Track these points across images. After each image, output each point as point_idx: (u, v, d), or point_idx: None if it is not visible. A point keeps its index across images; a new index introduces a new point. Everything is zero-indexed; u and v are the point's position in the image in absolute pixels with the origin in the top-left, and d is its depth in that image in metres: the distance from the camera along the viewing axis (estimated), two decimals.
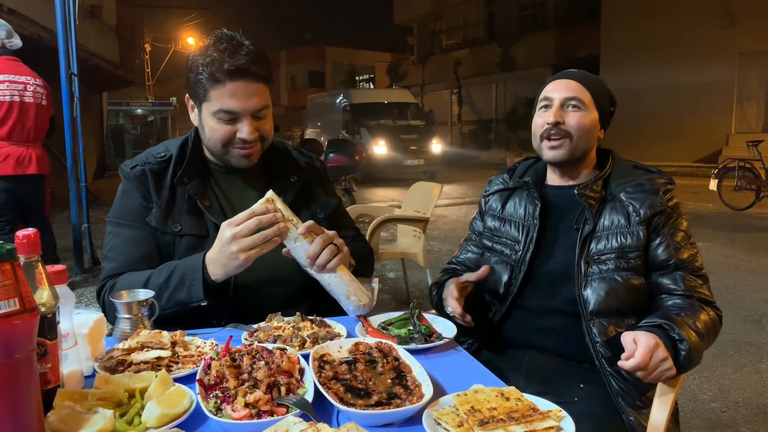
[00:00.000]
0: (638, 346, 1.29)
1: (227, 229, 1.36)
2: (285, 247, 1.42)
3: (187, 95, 1.60)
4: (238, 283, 1.53)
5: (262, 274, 1.56)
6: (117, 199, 1.63)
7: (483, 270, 1.58)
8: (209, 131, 1.55)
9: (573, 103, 1.57)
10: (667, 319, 1.39)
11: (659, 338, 1.33)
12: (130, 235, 1.57)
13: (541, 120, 1.61)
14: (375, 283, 1.47)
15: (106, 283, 1.54)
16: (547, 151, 1.60)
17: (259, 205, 1.36)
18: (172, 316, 1.44)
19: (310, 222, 1.41)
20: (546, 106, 1.61)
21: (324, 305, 1.56)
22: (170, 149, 1.65)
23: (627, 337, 1.32)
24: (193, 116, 1.61)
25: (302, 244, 1.38)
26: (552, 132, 1.57)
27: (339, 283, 1.41)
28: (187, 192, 1.58)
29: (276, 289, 1.60)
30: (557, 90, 1.60)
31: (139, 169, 1.59)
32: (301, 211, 1.58)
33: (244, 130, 1.51)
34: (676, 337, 1.36)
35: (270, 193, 1.39)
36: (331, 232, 1.44)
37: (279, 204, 1.37)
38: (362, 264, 1.65)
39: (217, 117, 1.51)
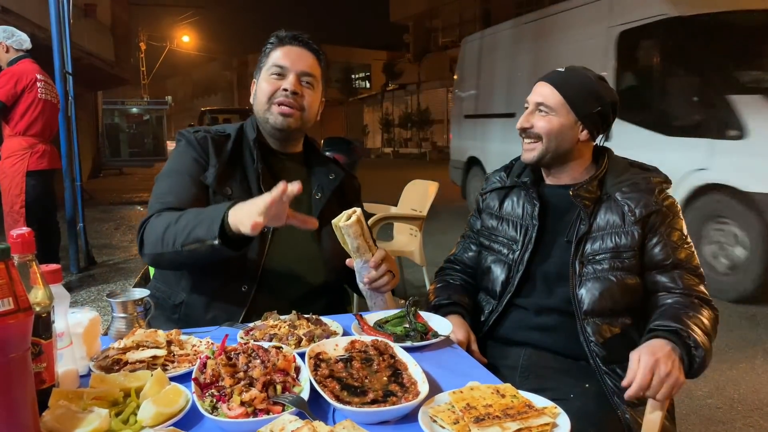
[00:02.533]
0: (637, 368, 1.29)
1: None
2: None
3: (253, 80, 1.76)
4: (267, 268, 1.58)
5: (297, 259, 1.64)
6: (171, 157, 1.71)
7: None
8: (260, 91, 1.68)
9: (540, 108, 1.60)
10: (680, 323, 1.38)
11: (670, 345, 1.33)
12: (180, 180, 1.62)
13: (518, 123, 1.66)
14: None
15: (154, 215, 1.55)
16: (523, 153, 1.67)
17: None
18: (204, 268, 1.53)
19: (383, 254, 1.51)
20: (525, 110, 1.65)
21: (340, 303, 1.75)
22: (227, 129, 1.75)
23: (633, 357, 1.32)
24: (252, 95, 1.74)
25: (365, 266, 1.50)
26: (523, 135, 1.65)
27: (381, 304, 1.57)
28: (255, 159, 1.65)
29: (306, 276, 1.66)
30: (533, 94, 1.63)
31: (202, 134, 1.68)
32: (335, 212, 1.67)
33: (286, 83, 1.64)
34: (692, 344, 1.35)
35: (359, 211, 1.47)
36: (392, 259, 1.55)
37: (365, 224, 1.48)
38: None
39: (269, 74, 1.66)
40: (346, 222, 1.44)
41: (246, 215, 1.33)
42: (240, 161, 1.67)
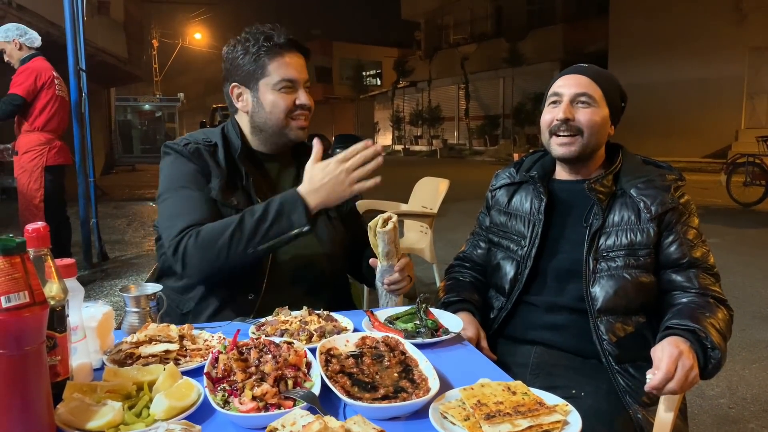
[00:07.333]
0: (662, 357, 1.27)
1: (337, 165, 1.47)
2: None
3: (232, 85, 1.66)
4: (273, 274, 1.60)
5: (299, 257, 1.65)
6: (167, 172, 1.62)
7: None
8: (270, 106, 1.63)
9: (583, 99, 1.55)
10: (697, 323, 1.36)
11: (688, 342, 1.31)
12: (195, 194, 1.57)
13: (549, 116, 1.59)
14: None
15: (188, 231, 1.47)
16: (557, 148, 1.58)
17: (361, 145, 1.48)
18: (221, 280, 1.53)
19: (407, 261, 1.55)
20: (555, 102, 1.59)
21: (343, 297, 1.77)
22: (211, 137, 1.68)
23: (656, 349, 1.30)
24: (242, 104, 1.67)
25: (389, 269, 1.53)
26: (562, 128, 1.55)
27: (393, 304, 1.59)
28: (243, 169, 1.64)
29: (308, 273, 1.67)
30: (567, 85, 1.58)
31: (194, 147, 1.63)
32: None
33: (302, 97, 1.63)
34: (708, 345, 1.33)
35: (395, 218, 1.49)
36: (412, 265, 1.60)
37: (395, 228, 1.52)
38: None
39: (278, 88, 1.61)
40: (383, 228, 1.46)
41: (332, 191, 1.47)
42: (236, 170, 1.64)
